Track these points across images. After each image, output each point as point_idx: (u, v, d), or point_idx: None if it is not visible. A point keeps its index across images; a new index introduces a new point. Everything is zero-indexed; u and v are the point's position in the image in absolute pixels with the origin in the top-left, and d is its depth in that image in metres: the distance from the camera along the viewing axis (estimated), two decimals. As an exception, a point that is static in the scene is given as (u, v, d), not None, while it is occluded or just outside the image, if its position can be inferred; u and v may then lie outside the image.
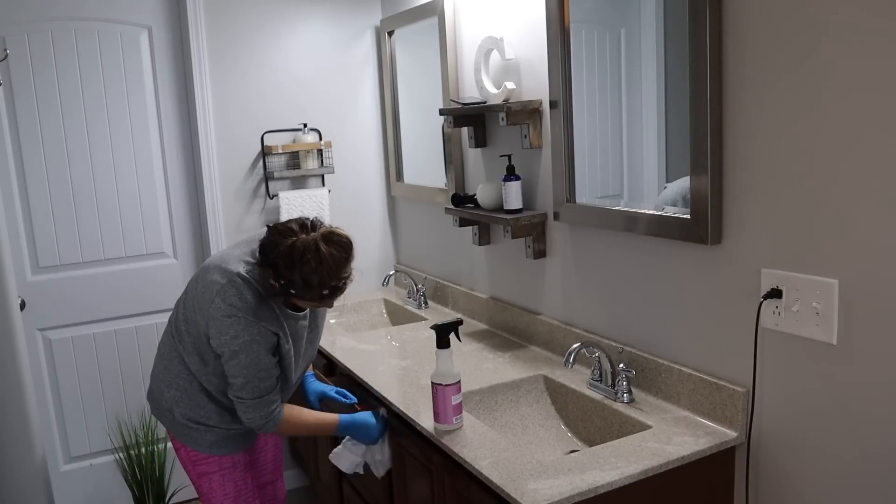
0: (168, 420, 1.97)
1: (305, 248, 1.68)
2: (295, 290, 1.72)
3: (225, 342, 1.75)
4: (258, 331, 1.75)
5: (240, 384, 1.79)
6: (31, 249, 2.82)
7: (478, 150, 2.62)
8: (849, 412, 1.44)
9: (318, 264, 1.67)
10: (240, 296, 1.74)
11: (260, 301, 1.76)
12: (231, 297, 1.74)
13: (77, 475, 3.00)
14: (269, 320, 1.78)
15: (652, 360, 1.89)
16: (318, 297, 1.74)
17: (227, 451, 1.97)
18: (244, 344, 1.75)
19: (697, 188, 1.65)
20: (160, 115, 2.95)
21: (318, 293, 1.72)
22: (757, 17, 1.49)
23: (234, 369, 1.78)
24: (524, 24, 2.25)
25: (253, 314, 1.74)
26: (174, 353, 1.92)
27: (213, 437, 1.95)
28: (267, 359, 1.79)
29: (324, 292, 1.72)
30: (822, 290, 1.44)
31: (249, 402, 1.81)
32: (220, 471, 1.98)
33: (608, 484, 1.50)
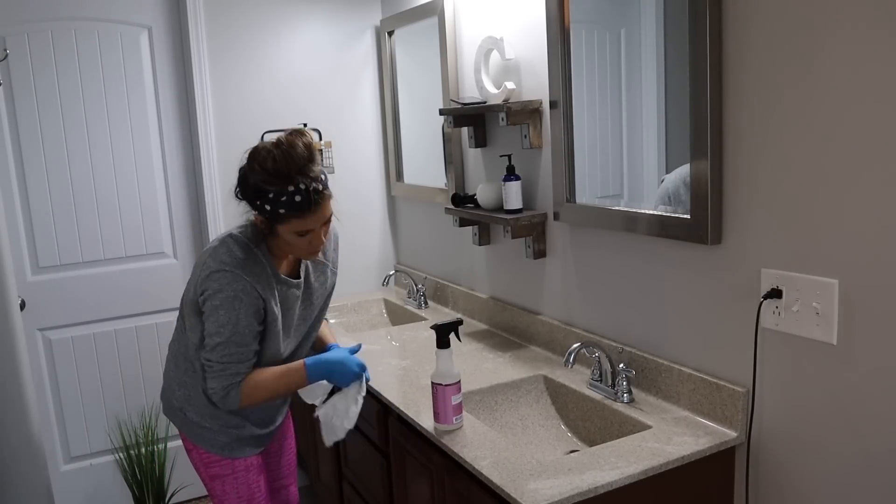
0: (179, 419, 1.91)
1: (259, 146, 1.66)
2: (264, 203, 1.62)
3: (208, 297, 1.68)
4: (242, 287, 1.67)
5: (213, 344, 1.69)
6: (31, 249, 2.82)
7: (478, 150, 2.62)
8: (849, 412, 1.44)
9: (269, 152, 1.60)
10: (229, 252, 1.70)
11: (251, 258, 1.71)
12: (221, 255, 1.70)
13: (77, 475, 3.00)
14: (258, 278, 1.71)
15: (652, 360, 1.89)
16: (293, 206, 1.61)
17: (240, 453, 1.90)
18: (226, 299, 1.67)
19: (697, 188, 1.65)
20: (160, 115, 2.95)
21: (289, 199, 1.60)
22: (757, 17, 1.49)
23: (212, 326, 1.69)
24: (524, 24, 2.25)
25: (241, 268, 1.68)
26: (182, 347, 1.86)
27: (225, 438, 1.88)
28: (247, 321, 1.69)
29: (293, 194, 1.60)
30: (822, 290, 1.44)
31: (217, 366, 1.70)
32: (234, 474, 1.90)
33: (608, 484, 1.50)
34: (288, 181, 1.60)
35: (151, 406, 3.08)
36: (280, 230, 1.68)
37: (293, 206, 1.62)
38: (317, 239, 1.71)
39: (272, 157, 1.60)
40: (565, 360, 1.89)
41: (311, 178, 1.62)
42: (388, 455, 2.13)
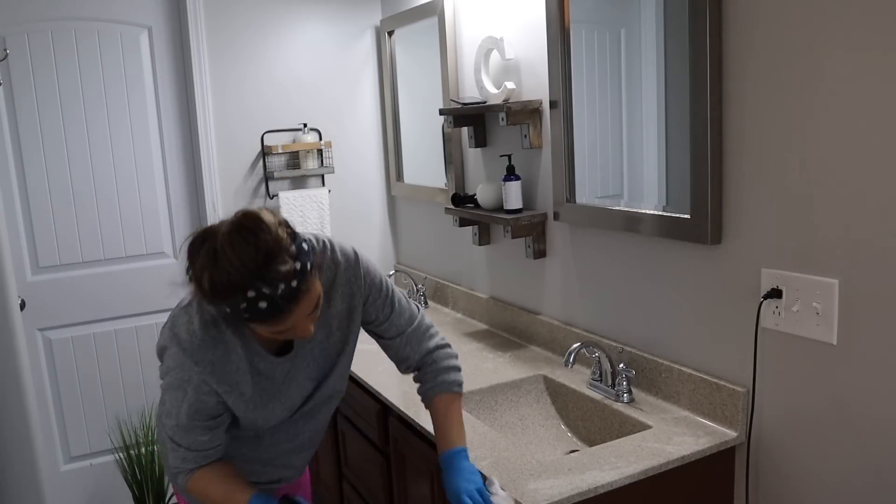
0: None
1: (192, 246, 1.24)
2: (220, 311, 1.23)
3: (161, 370, 1.38)
4: (189, 378, 1.31)
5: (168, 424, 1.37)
6: (31, 249, 2.82)
7: (478, 150, 2.62)
8: (849, 412, 1.44)
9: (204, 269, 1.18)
10: (189, 326, 1.32)
11: (213, 341, 1.32)
12: (181, 326, 1.34)
13: (77, 475, 2.99)
14: (215, 367, 1.31)
15: (652, 360, 1.89)
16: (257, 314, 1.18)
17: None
18: (171, 384, 1.34)
19: (697, 188, 1.65)
20: (160, 115, 2.95)
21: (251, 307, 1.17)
22: (757, 16, 1.49)
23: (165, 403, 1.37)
24: (524, 24, 2.25)
25: (195, 353, 1.30)
26: None
27: None
28: (188, 421, 1.34)
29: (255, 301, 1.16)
30: (822, 290, 1.44)
31: (170, 443, 1.39)
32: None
33: (608, 484, 1.50)
34: (241, 292, 1.16)
35: (151, 406, 3.08)
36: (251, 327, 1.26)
37: (258, 313, 1.18)
38: (303, 330, 1.27)
39: (208, 276, 1.17)
40: (565, 360, 1.89)
41: (278, 278, 1.16)
42: (388, 455, 2.13)
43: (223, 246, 1.16)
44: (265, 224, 1.18)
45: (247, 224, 1.18)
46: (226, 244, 1.16)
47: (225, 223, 1.20)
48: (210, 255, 1.17)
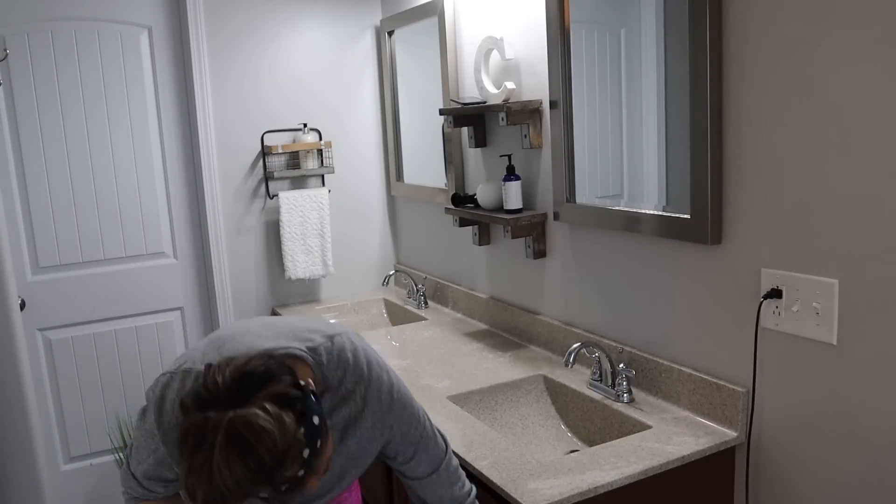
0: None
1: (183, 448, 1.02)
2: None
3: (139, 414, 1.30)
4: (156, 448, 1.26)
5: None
6: (31, 249, 2.82)
7: (478, 150, 2.62)
8: (849, 412, 1.44)
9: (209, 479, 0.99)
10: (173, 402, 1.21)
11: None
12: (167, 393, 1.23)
13: (77, 475, 3.00)
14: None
15: (652, 360, 1.89)
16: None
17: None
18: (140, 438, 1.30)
19: (697, 188, 1.65)
20: (160, 115, 2.95)
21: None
22: (757, 17, 1.49)
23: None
24: (524, 24, 2.25)
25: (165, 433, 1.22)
26: None
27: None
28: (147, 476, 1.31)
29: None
30: (822, 290, 1.44)
31: (127, 466, 1.35)
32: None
33: (608, 484, 1.50)
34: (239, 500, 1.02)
35: (151, 406, 3.08)
36: None
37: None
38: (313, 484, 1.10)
39: (202, 494, 1.00)
40: (565, 360, 1.89)
41: (281, 482, 1.03)
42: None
43: (219, 465, 0.98)
44: (265, 433, 0.99)
45: (245, 436, 0.98)
46: (221, 464, 0.98)
47: (220, 426, 0.99)
48: (204, 470, 0.98)
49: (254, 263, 3.12)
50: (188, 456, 1.00)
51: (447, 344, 2.49)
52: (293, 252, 3.07)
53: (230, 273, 3.07)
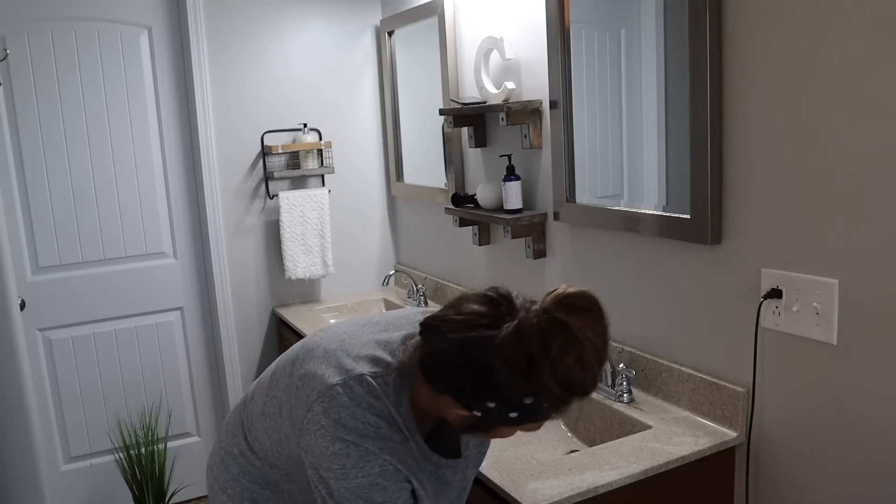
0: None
1: (547, 332, 0.97)
2: (492, 405, 1.02)
3: (325, 479, 1.10)
4: (381, 468, 1.09)
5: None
6: (31, 249, 2.82)
7: (478, 150, 2.62)
8: (848, 412, 1.44)
9: (580, 354, 0.97)
10: (355, 410, 1.09)
11: (388, 424, 1.11)
12: (341, 411, 1.09)
13: (77, 475, 3.00)
14: (397, 454, 1.11)
15: (652, 360, 1.89)
16: (535, 412, 1.02)
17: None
18: (358, 489, 1.09)
19: (697, 188, 1.65)
20: (160, 115, 2.95)
21: (535, 405, 1.00)
22: (757, 17, 1.49)
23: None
24: (524, 24, 2.25)
25: (373, 439, 1.09)
26: (235, 448, 1.34)
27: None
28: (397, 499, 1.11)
29: (541, 400, 1.00)
30: (822, 290, 1.44)
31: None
32: None
33: (608, 484, 1.50)
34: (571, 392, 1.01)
35: (151, 406, 3.08)
36: (500, 430, 1.09)
37: (536, 412, 1.02)
38: (530, 429, 1.09)
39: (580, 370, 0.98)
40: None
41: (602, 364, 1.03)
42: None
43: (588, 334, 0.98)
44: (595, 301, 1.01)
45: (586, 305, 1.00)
46: (588, 335, 0.98)
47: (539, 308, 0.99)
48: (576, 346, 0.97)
49: (254, 263, 3.12)
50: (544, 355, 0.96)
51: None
52: (293, 252, 3.07)
53: (230, 273, 3.07)
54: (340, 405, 1.09)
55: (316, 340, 1.23)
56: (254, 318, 3.15)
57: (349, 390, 1.10)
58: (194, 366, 3.14)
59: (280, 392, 1.21)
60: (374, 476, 1.09)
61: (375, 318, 1.27)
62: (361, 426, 1.09)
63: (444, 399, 1.07)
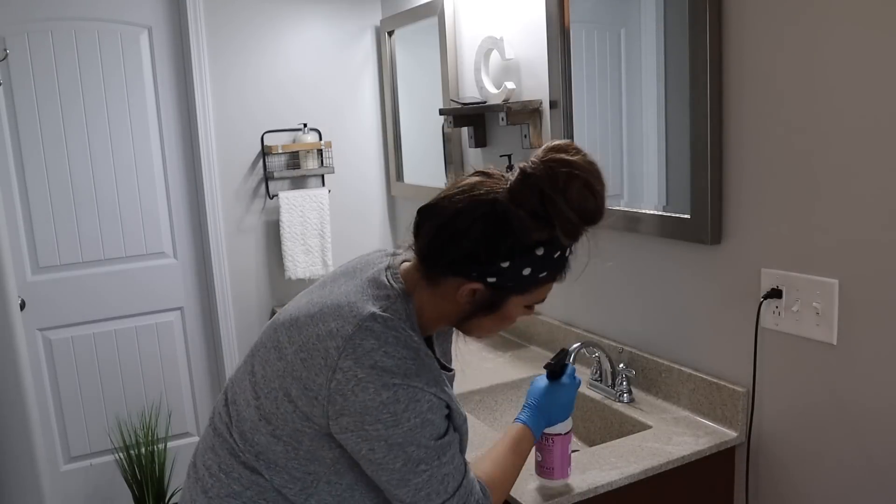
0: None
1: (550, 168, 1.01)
2: (524, 266, 1.04)
3: (374, 434, 1.03)
4: (429, 404, 1.05)
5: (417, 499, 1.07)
6: (31, 249, 2.82)
7: (478, 150, 2.62)
8: (849, 412, 1.44)
9: (585, 180, 1.01)
10: (387, 348, 1.04)
11: (418, 351, 1.07)
12: (373, 355, 1.03)
13: (77, 475, 2.99)
14: (437, 381, 1.08)
15: (652, 360, 1.89)
16: (560, 266, 1.09)
17: None
18: (412, 432, 1.04)
19: (697, 188, 1.65)
20: (160, 115, 2.95)
21: (562, 257, 1.06)
22: (757, 17, 1.49)
23: (400, 475, 1.05)
24: (524, 24, 2.25)
25: (416, 375, 1.04)
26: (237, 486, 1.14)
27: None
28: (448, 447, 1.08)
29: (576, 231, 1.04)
30: (822, 290, 1.44)
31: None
32: None
33: (608, 484, 1.50)
34: (584, 221, 1.04)
35: (151, 406, 3.08)
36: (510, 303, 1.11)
37: (561, 266, 1.09)
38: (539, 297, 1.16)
39: (592, 198, 1.02)
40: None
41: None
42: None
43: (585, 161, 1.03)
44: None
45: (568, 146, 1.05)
46: (583, 162, 1.02)
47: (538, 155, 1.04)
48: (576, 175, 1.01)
49: (254, 263, 3.12)
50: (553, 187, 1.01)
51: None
52: (293, 252, 3.07)
53: (230, 273, 3.07)
54: (370, 349, 1.03)
55: (290, 317, 1.14)
56: (254, 318, 3.15)
57: (370, 332, 1.04)
58: (194, 366, 3.14)
59: (276, 382, 1.09)
60: (424, 413, 1.04)
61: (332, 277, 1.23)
62: (400, 362, 1.03)
63: (450, 286, 1.08)
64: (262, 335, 1.19)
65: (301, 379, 1.06)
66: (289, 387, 1.08)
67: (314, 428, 1.07)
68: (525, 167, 1.04)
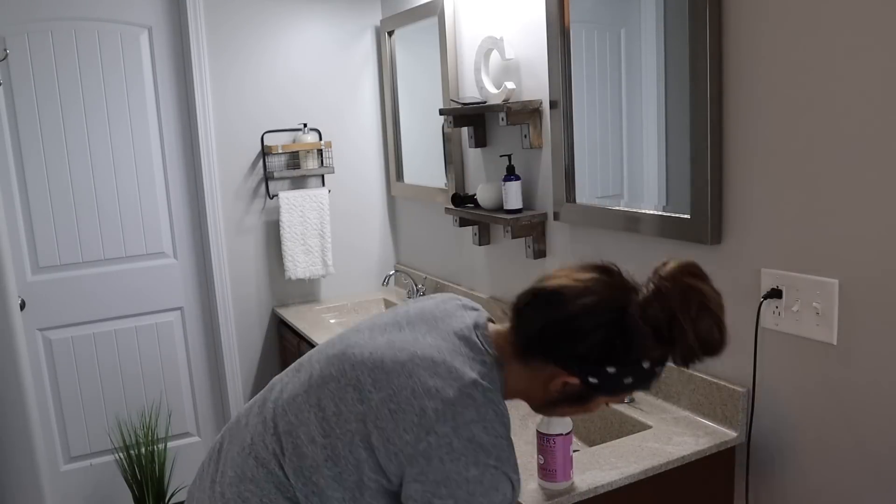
0: None
1: (685, 293, 1.01)
2: (625, 375, 1.03)
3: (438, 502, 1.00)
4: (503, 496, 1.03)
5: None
6: (31, 249, 2.82)
7: (478, 150, 2.62)
8: (849, 412, 1.44)
9: (715, 315, 1.01)
10: (486, 423, 1.02)
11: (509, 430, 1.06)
12: (472, 428, 1.01)
13: (77, 475, 3.00)
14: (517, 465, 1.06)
15: (652, 360, 1.89)
16: (651, 380, 1.07)
17: None
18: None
19: (697, 188, 1.65)
20: (160, 115, 2.95)
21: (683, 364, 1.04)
22: (757, 17, 1.49)
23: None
24: (524, 24, 2.25)
25: (507, 459, 1.03)
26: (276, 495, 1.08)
27: None
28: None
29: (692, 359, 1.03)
30: (822, 290, 1.44)
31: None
32: None
33: (608, 484, 1.50)
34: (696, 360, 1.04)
35: (151, 406, 3.08)
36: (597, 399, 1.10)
37: (657, 377, 1.08)
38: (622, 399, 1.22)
39: (717, 330, 1.01)
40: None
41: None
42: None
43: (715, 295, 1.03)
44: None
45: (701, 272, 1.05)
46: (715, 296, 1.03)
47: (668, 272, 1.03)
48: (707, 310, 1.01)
49: (254, 263, 3.12)
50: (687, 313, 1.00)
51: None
52: (293, 252, 3.07)
53: (230, 273, 3.07)
54: (470, 421, 1.00)
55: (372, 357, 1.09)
56: (254, 318, 3.15)
57: (471, 400, 1.02)
58: (194, 366, 3.14)
59: (353, 425, 1.04)
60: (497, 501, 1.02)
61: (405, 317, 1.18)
62: (496, 441, 1.01)
63: (544, 372, 1.06)
64: (323, 365, 1.13)
65: (384, 430, 1.02)
66: (369, 433, 1.03)
67: (381, 482, 1.03)
68: (660, 286, 1.02)
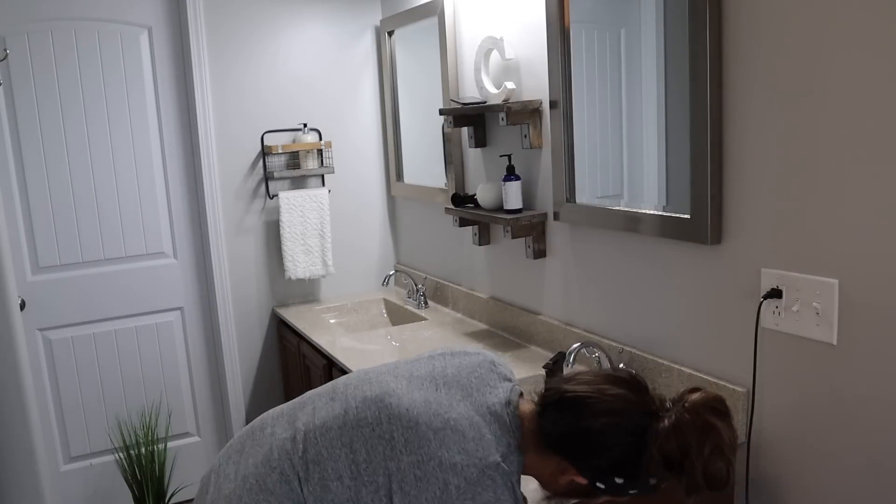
0: None
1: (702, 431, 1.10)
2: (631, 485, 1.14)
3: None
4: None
5: None
6: (31, 249, 2.82)
7: (478, 150, 2.62)
8: (849, 412, 1.44)
9: (727, 458, 1.11)
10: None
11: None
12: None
13: (77, 475, 3.00)
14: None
15: (652, 360, 1.89)
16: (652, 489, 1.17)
17: None
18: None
19: (697, 188, 1.65)
20: (160, 115, 2.95)
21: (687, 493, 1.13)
22: (757, 17, 1.49)
23: None
24: (524, 24, 2.25)
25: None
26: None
27: None
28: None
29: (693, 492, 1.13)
30: (822, 290, 1.44)
31: None
32: None
33: (608, 484, 1.49)
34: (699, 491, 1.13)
35: (151, 406, 3.08)
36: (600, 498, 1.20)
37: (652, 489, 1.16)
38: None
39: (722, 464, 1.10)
40: (565, 360, 1.89)
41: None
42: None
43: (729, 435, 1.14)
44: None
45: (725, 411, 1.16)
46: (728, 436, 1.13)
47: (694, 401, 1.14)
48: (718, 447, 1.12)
49: (254, 263, 3.12)
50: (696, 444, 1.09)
51: (447, 344, 2.49)
52: (293, 252, 3.07)
53: (230, 273, 3.07)
54: (486, 501, 1.09)
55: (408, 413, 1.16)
56: (254, 318, 3.15)
57: (491, 482, 1.10)
58: (194, 366, 3.14)
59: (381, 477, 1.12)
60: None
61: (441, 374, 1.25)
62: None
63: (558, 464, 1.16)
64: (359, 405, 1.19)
65: (408, 493, 1.10)
66: (393, 490, 1.11)
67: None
68: (680, 419, 1.10)
